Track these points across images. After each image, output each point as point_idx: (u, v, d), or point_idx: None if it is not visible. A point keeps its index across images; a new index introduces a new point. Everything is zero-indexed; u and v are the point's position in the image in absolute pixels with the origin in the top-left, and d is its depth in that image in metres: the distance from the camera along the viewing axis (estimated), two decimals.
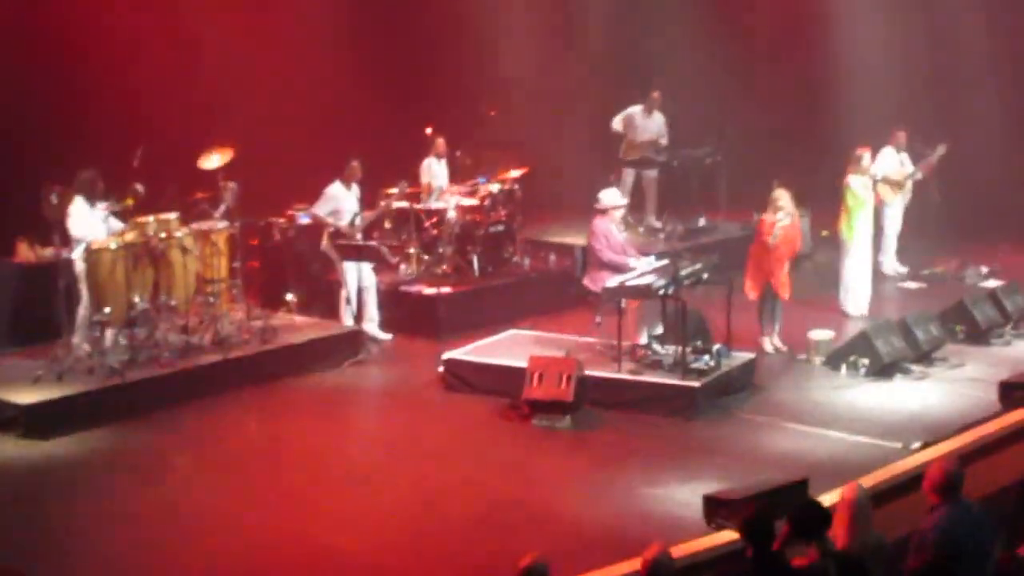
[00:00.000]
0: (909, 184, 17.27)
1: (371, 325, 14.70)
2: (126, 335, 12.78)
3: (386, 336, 14.80)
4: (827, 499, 8.75)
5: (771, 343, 13.97)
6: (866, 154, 15.29)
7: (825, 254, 17.03)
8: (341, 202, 14.56)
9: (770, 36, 20.06)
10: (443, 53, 18.63)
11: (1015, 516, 8.46)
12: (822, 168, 16.58)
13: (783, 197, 13.88)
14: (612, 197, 13.61)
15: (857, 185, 15.13)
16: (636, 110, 18.32)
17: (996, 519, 7.82)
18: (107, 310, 12.63)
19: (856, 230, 15.23)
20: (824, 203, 16.17)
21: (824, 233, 17.23)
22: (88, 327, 12.73)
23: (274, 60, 16.99)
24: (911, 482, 9.57)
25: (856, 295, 15.41)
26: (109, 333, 12.74)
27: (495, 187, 16.36)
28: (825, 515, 7.06)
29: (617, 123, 18.34)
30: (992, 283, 15.91)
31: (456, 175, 16.76)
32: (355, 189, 14.71)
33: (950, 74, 19.47)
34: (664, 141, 18.30)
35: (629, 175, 18.32)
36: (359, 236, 14.59)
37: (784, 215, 13.82)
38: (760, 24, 20.10)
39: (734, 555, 8.41)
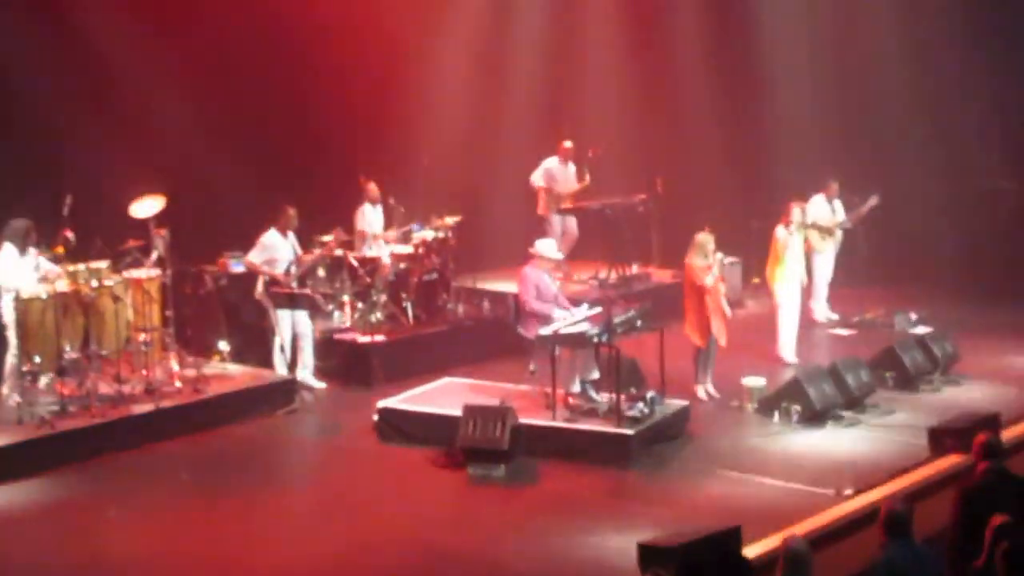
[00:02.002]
0: (839, 232, 17.48)
1: (305, 373, 14.64)
2: (56, 384, 12.64)
3: (320, 384, 14.74)
4: (761, 546, 8.83)
5: (705, 390, 14.05)
6: (797, 208, 15.43)
7: (758, 301, 17.18)
8: (276, 250, 14.51)
9: (700, 87, 20.21)
10: (375, 100, 18.64)
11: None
12: (752, 216, 16.77)
13: (710, 241, 13.99)
14: (548, 248, 13.67)
15: (782, 235, 15.30)
16: (552, 162, 18.39)
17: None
18: (37, 359, 12.52)
19: (784, 278, 15.39)
20: (754, 250, 16.33)
21: (755, 280, 17.40)
22: (18, 376, 12.59)
23: (205, 106, 16.93)
24: (845, 528, 9.67)
25: (787, 342, 15.55)
26: (42, 382, 12.60)
27: (429, 234, 16.37)
28: (749, 569, 7.09)
29: (538, 178, 18.37)
30: (921, 329, 16.08)
31: (390, 222, 16.76)
32: (291, 237, 14.66)
33: (881, 125, 19.76)
34: (577, 189, 18.31)
35: (557, 224, 18.35)
36: (294, 284, 14.54)
37: (718, 257, 13.95)
38: (690, 75, 20.25)
39: None
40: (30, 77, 15.42)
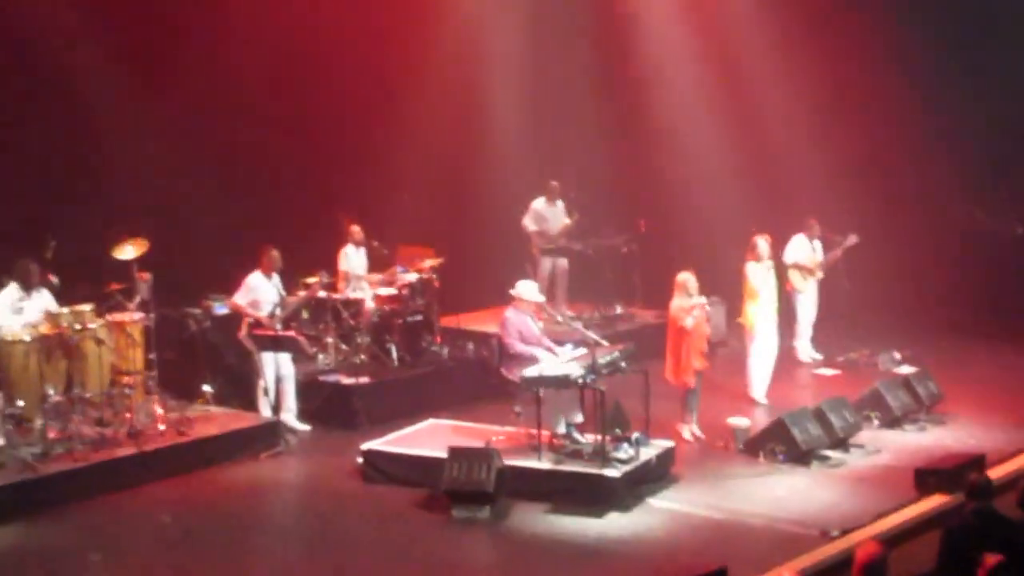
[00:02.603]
0: (820, 272, 17.55)
1: (289, 416, 14.59)
2: (39, 428, 12.59)
3: (304, 427, 14.69)
4: None
5: (690, 431, 14.04)
6: (761, 240, 15.44)
7: (742, 341, 17.17)
8: (261, 292, 14.49)
9: (682, 126, 20.27)
10: (357, 141, 18.68)
11: None
12: (736, 256, 16.77)
13: (692, 279, 14.01)
14: (529, 291, 13.62)
15: (753, 272, 15.33)
16: (540, 203, 18.42)
17: None
18: (20, 403, 12.47)
19: (755, 316, 15.42)
20: (738, 290, 16.32)
21: (739, 320, 17.40)
22: (1, 421, 12.53)
23: (188, 149, 16.95)
24: (831, 569, 9.65)
25: (758, 381, 15.57)
26: (37, 424, 12.57)
27: (413, 276, 16.37)
28: None
29: (529, 222, 18.39)
30: (906, 369, 16.12)
31: (373, 265, 16.75)
32: (275, 279, 14.65)
33: (864, 163, 19.86)
34: (569, 223, 18.35)
35: (547, 265, 18.39)
36: (279, 326, 14.51)
37: (700, 300, 13.96)
38: (672, 114, 20.32)
39: None
40: (11, 122, 15.44)
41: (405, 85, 19.04)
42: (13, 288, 12.89)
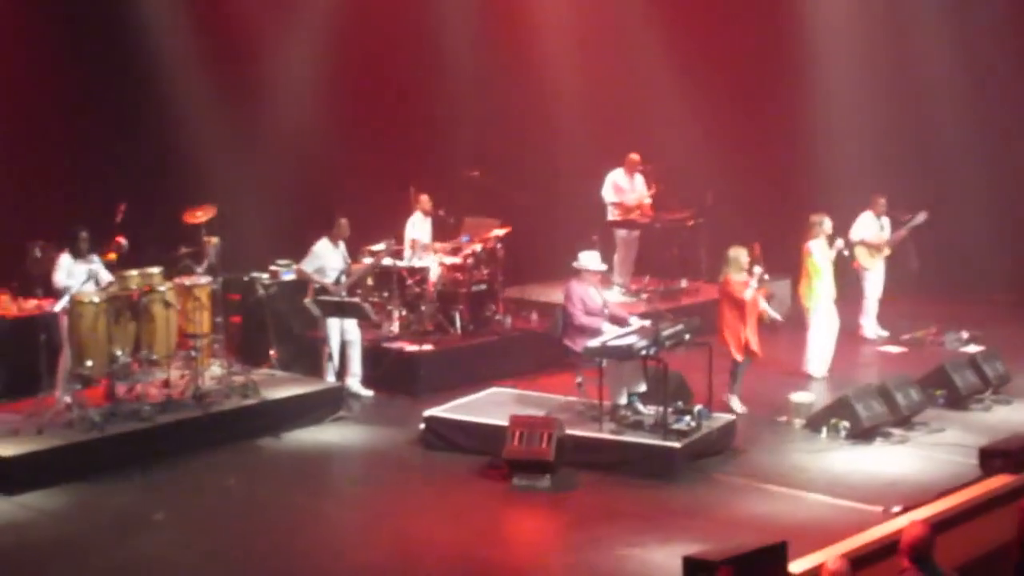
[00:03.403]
0: (887, 249, 17.40)
1: (353, 381, 14.70)
2: (107, 389, 12.75)
3: (367, 392, 14.79)
4: (806, 563, 8.76)
5: (737, 403, 13.97)
6: (824, 219, 15.36)
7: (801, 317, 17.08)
8: (327, 259, 14.59)
9: (753, 102, 20.15)
10: (425, 113, 18.73)
11: None
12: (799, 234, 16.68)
13: (743, 254, 13.95)
14: (591, 260, 13.56)
15: (815, 250, 15.24)
16: (618, 174, 18.42)
17: None
18: (89, 363, 12.64)
19: (816, 295, 15.33)
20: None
21: (800, 297, 17.31)
22: (69, 380, 12.71)
23: (257, 116, 17.08)
24: (892, 547, 9.57)
25: (818, 358, 15.50)
26: (97, 386, 12.73)
27: (478, 246, 16.40)
28: None
29: (607, 193, 18.39)
30: (972, 348, 15.96)
31: (439, 234, 16.80)
32: (342, 247, 14.74)
33: (933, 139, 19.65)
34: (648, 201, 18.40)
35: (622, 236, 18.40)
36: (344, 294, 14.60)
37: (757, 271, 13.89)
38: (744, 91, 20.20)
39: None
40: (82, 86, 15.61)
41: (476, 56, 19.05)
42: (66, 256, 13.00)
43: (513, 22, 19.36)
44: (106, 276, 13.03)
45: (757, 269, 13.93)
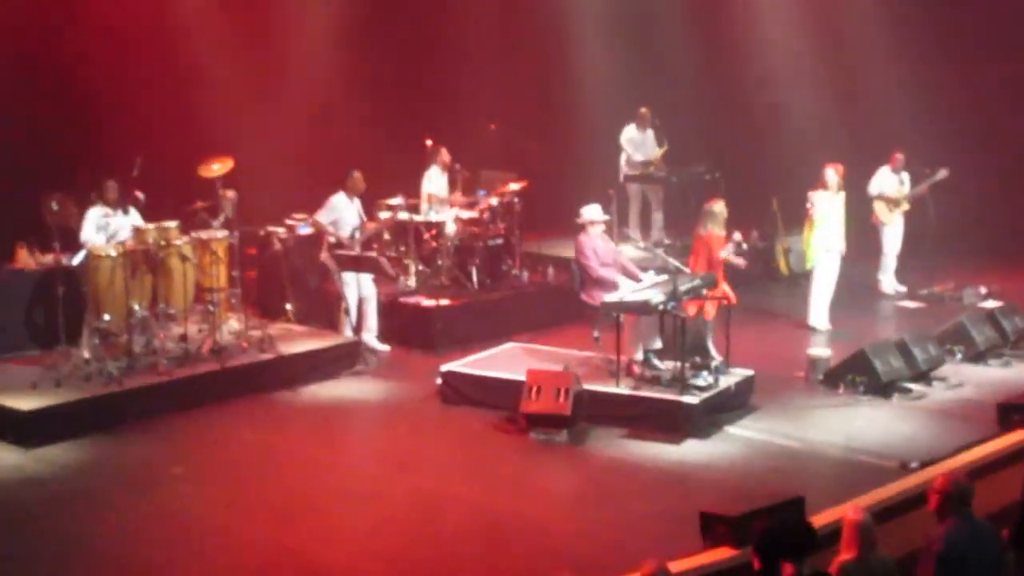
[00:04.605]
0: (906, 204, 17.32)
1: (369, 336, 14.70)
2: (125, 342, 12.77)
3: (384, 347, 14.79)
4: (823, 518, 8.77)
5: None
6: (831, 170, 15.30)
7: None
8: (343, 212, 14.57)
9: (768, 57, 20.01)
10: (442, 66, 18.66)
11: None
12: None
13: (724, 211, 13.97)
14: (593, 212, 13.48)
15: (819, 200, 15.22)
16: (631, 129, 18.38)
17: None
18: (107, 317, 12.66)
19: (817, 245, 15.31)
20: None
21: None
22: (87, 334, 12.73)
23: (274, 69, 17.03)
24: (910, 501, 9.58)
25: (817, 309, 15.47)
26: (115, 339, 12.75)
27: (494, 200, 16.36)
28: (815, 539, 7.02)
29: (626, 141, 18.34)
30: (991, 304, 15.90)
31: (455, 188, 16.76)
32: (356, 202, 14.71)
33: (951, 95, 19.52)
34: (659, 154, 18.31)
35: (635, 191, 18.37)
36: (358, 249, 14.58)
37: (737, 235, 13.98)
38: (759, 44, 20.06)
39: (731, 571, 8.40)
40: (103, 36, 15.56)
41: (491, 12, 18.96)
42: (98, 207, 13.07)
43: None
44: (138, 221, 13.14)
45: (737, 235, 13.89)
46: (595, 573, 8.85)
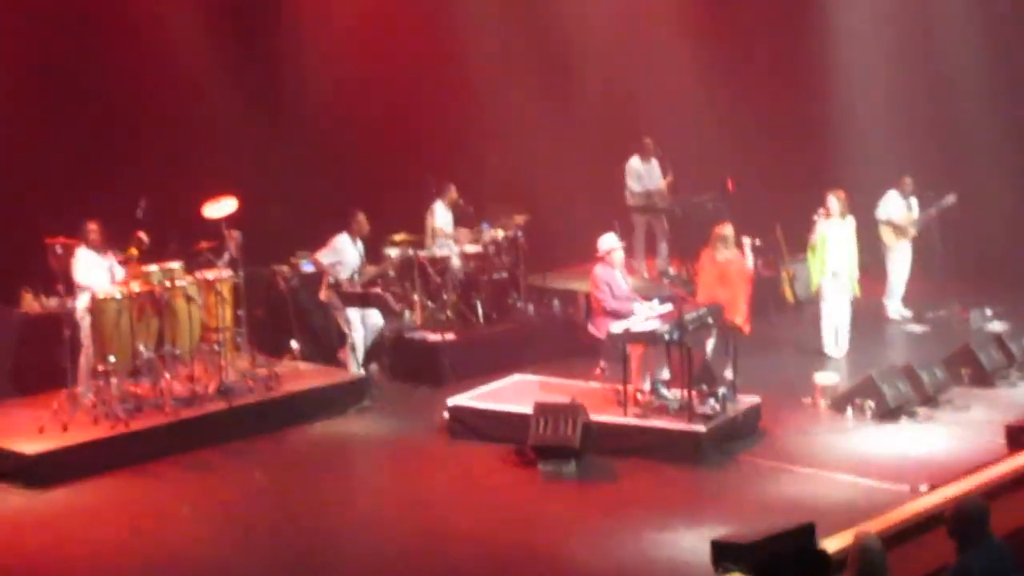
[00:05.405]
0: (913, 229, 17.30)
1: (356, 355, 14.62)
2: (131, 384, 12.78)
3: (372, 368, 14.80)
4: (834, 543, 8.72)
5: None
6: (832, 197, 15.34)
7: None
8: (345, 255, 14.55)
9: (772, 84, 20.05)
10: (443, 100, 18.67)
11: None
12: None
13: (731, 231, 14.12)
14: (609, 241, 13.56)
15: (819, 228, 15.28)
16: (635, 160, 18.35)
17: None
18: (112, 359, 12.66)
19: (817, 273, 15.40)
20: None
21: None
22: (93, 376, 12.73)
23: (276, 108, 17.06)
24: (920, 525, 9.53)
25: (829, 338, 15.51)
26: (114, 382, 12.75)
27: (498, 234, 16.36)
28: (827, 565, 6.99)
29: (629, 172, 18.32)
30: (997, 326, 15.88)
31: (459, 222, 16.76)
32: (359, 244, 14.69)
33: (957, 121, 19.51)
34: (664, 185, 18.31)
35: (640, 222, 18.37)
36: (359, 289, 14.57)
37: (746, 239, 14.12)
38: (762, 72, 20.11)
39: None
40: (108, 79, 15.61)
41: (492, 43, 19.00)
42: (83, 249, 13.02)
43: (534, 10, 19.32)
44: (119, 272, 13.06)
45: (746, 239, 14.08)
46: None
